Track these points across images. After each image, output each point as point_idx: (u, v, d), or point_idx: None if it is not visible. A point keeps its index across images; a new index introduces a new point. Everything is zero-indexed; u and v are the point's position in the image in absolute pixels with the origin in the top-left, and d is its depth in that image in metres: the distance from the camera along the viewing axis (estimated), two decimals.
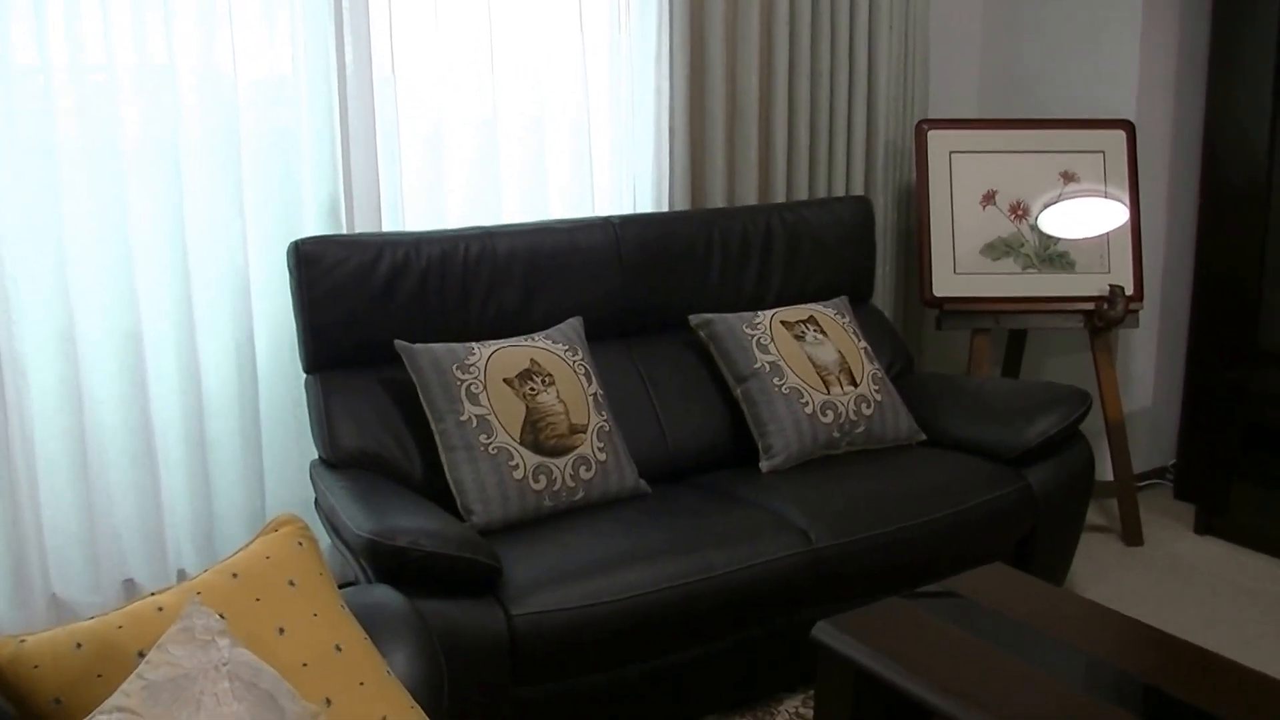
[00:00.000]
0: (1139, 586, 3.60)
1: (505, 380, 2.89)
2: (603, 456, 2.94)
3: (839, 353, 3.36)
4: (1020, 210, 3.99)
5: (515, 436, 2.82)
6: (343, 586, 2.02)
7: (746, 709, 2.87)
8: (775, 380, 3.24)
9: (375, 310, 3.03)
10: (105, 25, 2.91)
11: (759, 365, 3.27)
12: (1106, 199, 3.96)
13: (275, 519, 1.91)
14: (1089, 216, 3.97)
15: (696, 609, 2.62)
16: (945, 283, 3.96)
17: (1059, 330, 4.29)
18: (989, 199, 4.00)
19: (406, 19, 3.32)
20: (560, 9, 3.54)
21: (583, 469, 2.89)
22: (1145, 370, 4.35)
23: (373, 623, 1.91)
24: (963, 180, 3.99)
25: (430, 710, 1.87)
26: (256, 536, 1.87)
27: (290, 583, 1.75)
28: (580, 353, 3.07)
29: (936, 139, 4.00)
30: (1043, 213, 3.98)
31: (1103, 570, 3.72)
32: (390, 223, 3.36)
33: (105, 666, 1.53)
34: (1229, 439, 3.87)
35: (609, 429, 3.00)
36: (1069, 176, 3.99)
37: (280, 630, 1.68)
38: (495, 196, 3.53)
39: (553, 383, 2.94)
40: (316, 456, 3.00)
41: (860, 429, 3.29)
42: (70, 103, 2.91)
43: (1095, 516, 4.16)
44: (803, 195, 4.01)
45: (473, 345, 2.95)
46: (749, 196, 3.89)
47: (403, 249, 3.08)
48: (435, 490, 2.84)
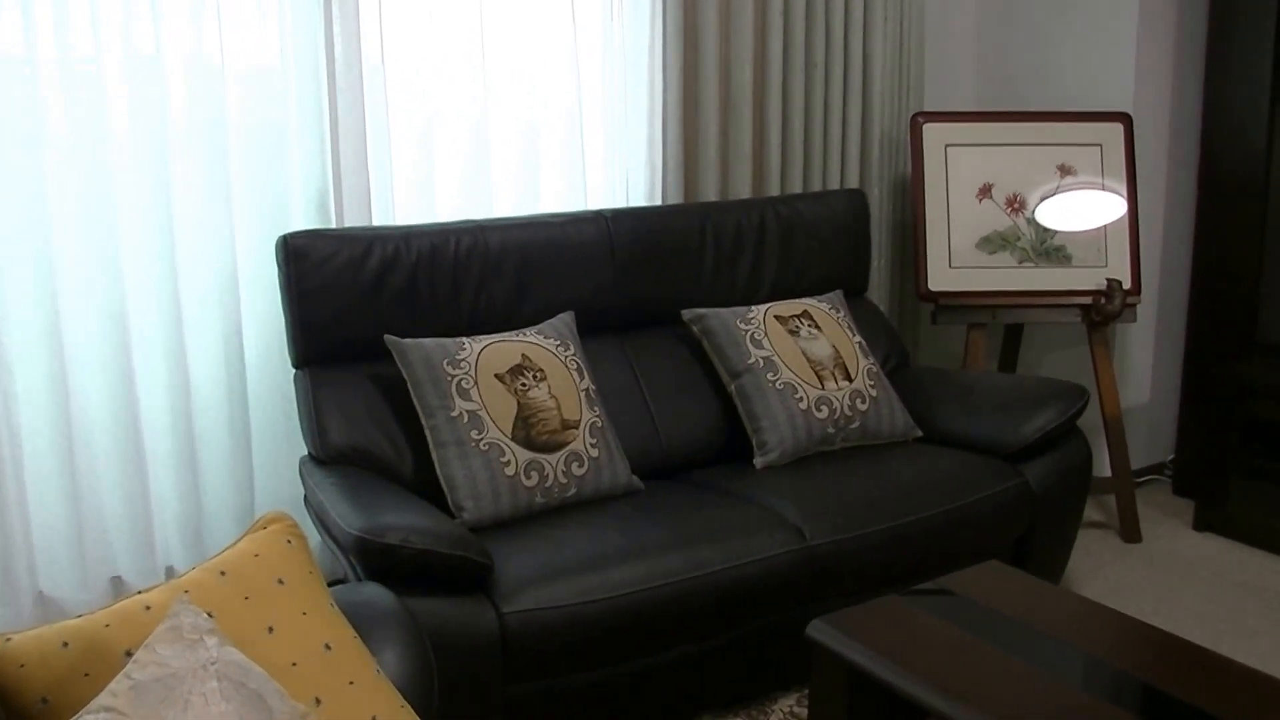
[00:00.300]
0: (1137, 583, 3.61)
1: (496, 375, 2.89)
2: (595, 453, 2.94)
3: (833, 347, 3.37)
4: (1017, 203, 3.99)
5: (507, 432, 2.83)
6: (332, 584, 2.02)
7: (740, 708, 2.88)
8: (769, 375, 3.25)
9: (365, 305, 3.03)
10: (93, 16, 2.90)
11: (753, 360, 3.27)
12: (1104, 192, 3.97)
13: (264, 516, 1.91)
14: (1086, 210, 3.97)
15: (690, 607, 2.62)
16: (941, 277, 3.97)
17: (1056, 325, 4.29)
18: (985, 192, 4.00)
19: (397, 9, 3.31)
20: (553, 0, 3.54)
21: (575, 465, 2.89)
22: (1143, 365, 4.36)
23: (362, 621, 1.92)
24: (958, 173, 4.00)
25: (420, 709, 1.87)
26: (245, 534, 1.87)
27: (279, 581, 1.76)
28: (572, 348, 3.08)
29: (932, 131, 4.01)
30: (1039, 206, 3.99)
31: (1100, 567, 3.73)
32: (380, 216, 3.36)
33: (92, 665, 1.53)
34: (1228, 434, 3.88)
35: (601, 425, 3.01)
36: (1066, 169, 3.99)
37: (269, 629, 1.68)
38: (486, 190, 3.53)
39: (544, 378, 2.94)
40: (305, 453, 3.01)
41: (855, 425, 3.30)
42: (57, 94, 2.91)
43: (1093, 513, 4.17)
44: (797, 188, 4.02)
45: (463, 340, 2.95)
46: (743, 190, 3.90)
47: (393, 243, 3.08)
48: (426, 487, 2.84)
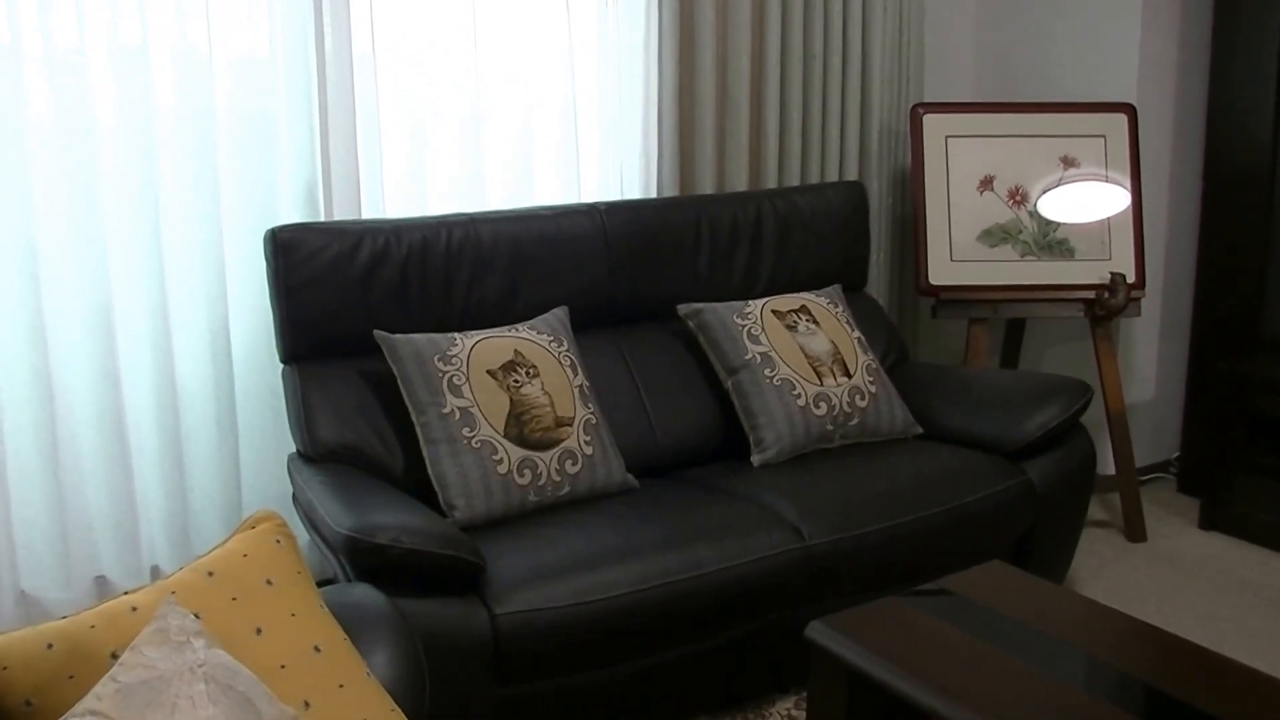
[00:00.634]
0: (1141, 583, 3.62)
1: (488, 372, 2.89)
2: (589, 450, 2.94)
3: (832, 343, 3.37)
4: (1019, 196, 4.00)
5: (499, 430, 2.83)
6: (321, 585, 2.02)
7: (737, 710, 2.88)
8: (767, 371, 3.25)
9: (354, 299, 3.03)
10: (78, 6, 2.90)
11: (750, 356, 3.27)
12: (1107, 184, 3.97)
13: (252, 515, 1.91)
14: (1089, 202, 3.98)
15: (686, 607, 2.62)
16: (941, 270, 3.97)
17: (1058, 319, 4.30)
18: (986, 184, 4.00)
19: None
20: None
21: (569, 463, 2.89)
22: (1147, 360, 4.37)
23: (352, 622, 1.92)
24: (959, 165, 4.00)
25: (411, 712, 1.87)
26: (233, 533, 1.87)
27: (268, 581, 1.76)
28: (566, 343, 3.08)
29: (932, 123, 4.01)
30: (1042, 198, 3.99)
31: (1104, 567, 3.73)
32: (370, 209, 3.36)
33: (77, 668, 1.53)
34: (1234, 431, 3.88)
35: (596, 422, 3.01)
36: (1069, 161, 4.00)
37: (257, 631, 1.68)
38: (479, 183, 3.53)
39: (537, 374, 2.94)
40: (294, 450, 3.01)
41: (854, 422, 3.30)
42: (42, 85, 2.90)
43: (1097, 511, 4.18)
44: (795, 181, 4.02)
45: (455, 336, 2.95)
46: (739, 182, 3.90)
47: (383, 236, 3.07)
48: (416, 485, 2.84)
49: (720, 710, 2.87)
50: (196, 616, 1.58)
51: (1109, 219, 3.97)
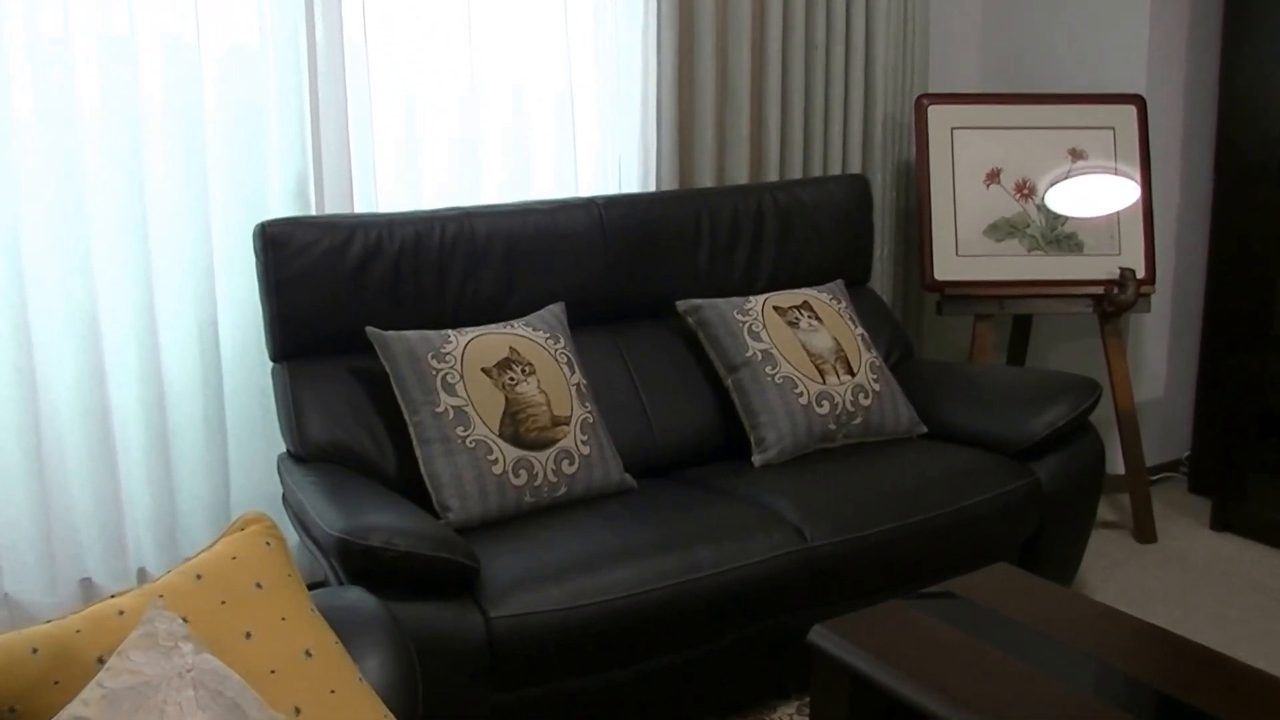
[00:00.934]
0: (1152, 585, 3.62)
1: (483, 370, 2.89)
2: (586, 450, 2.95)
3: (835, 340, 3.37)
4: (1026, 189, 4.00)
5: (494, 429, 2.83)
6: (312, 588, 2.02)
7: (738, 716, 2.88)
8: (768, 369, 3.25)
9: (346, 295, 3.03)
10: None
11: (751, 353, 3.27)
12: (1116, 177, 3.98)
13: (242, 517, 1.91)
14: (1098, 195, 3.98)
15: (685, 611, 2.63)
16: (946, 266, 3.97)
17: (1066, 315, 4.30)
18: (993, 177, 4.01)
19: None
20: None
21: (565, 463, 2.90)
22: (1158, 358, 4.37)
23: (344, 626, 1.92)
24: (965, 158, 4.00)
25: (404, 718, 1.87)
26: (222, 535, 1.87)
27: (257, 585, 1.76)
28: (562, 340, 3.08)
29: (937, 114, 4.01)
30: (1049, 192, 3.99)
31: (1114, 569, 3.74)
32: (362, 203, 3.36)
33: (63, 673, 1.53)
34: (1246, 429, 3.89)
35: (593, 421, 3.01)
36: (1077, 154, 4.00)
37: (247, 635, 1.68)
38: (473, 176, 3.53)
39: (533, 372, 2.94)
40: (284, 450, 3.01)
41: (858, 420, 3.30)
42: (25, 76, 2.90)
43: (1106, 512, 4.19)
44: (796, 174, 4.02)
45: (449, 333, 2.95)
46: (740, 175, 3.90)
47: (375, 231, 3.07)
48: (410, 486, 2.85)
49: (720, 716, 2.87)
50: (185, 620, 1.58)
51: (1118, 213, 3.97)
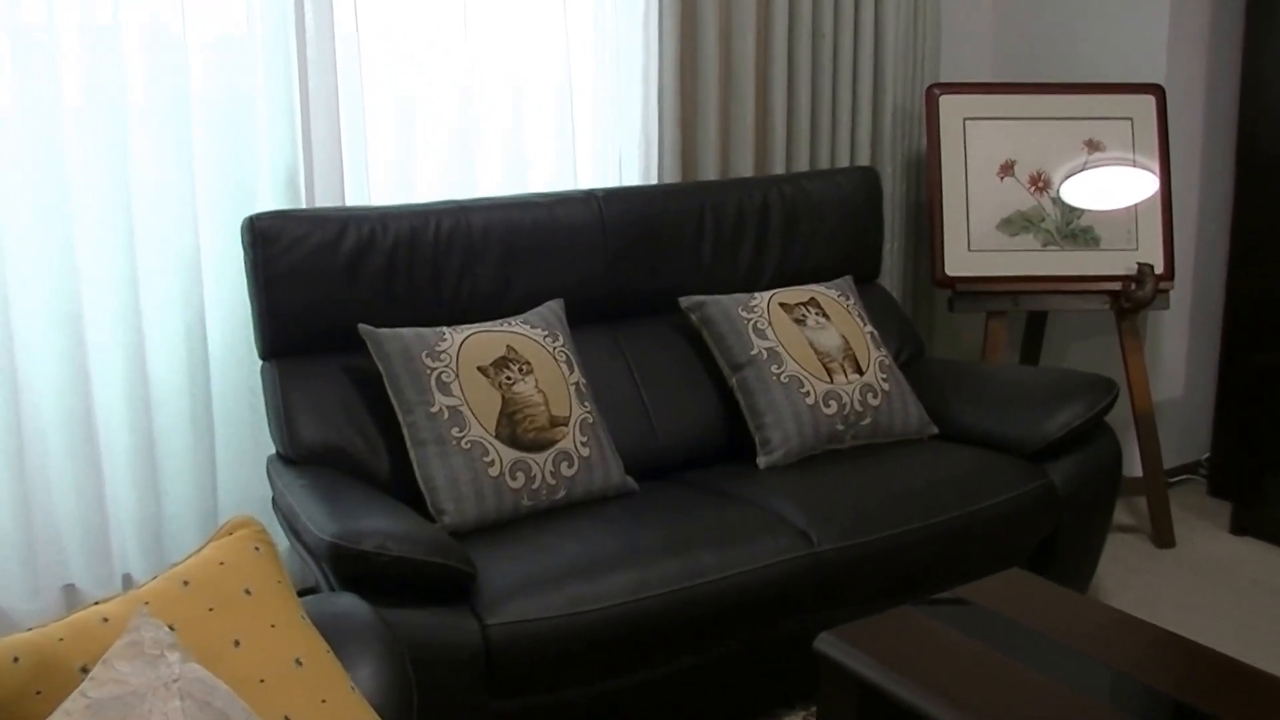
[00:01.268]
0: (1170, 591, 3.62)
1: (479, 368, 2.89)
2: (586, 451, 2.95)
3: (843, 338, 3.37)
4: (1040, 182, 4.00)
5: (490, 430, 2.83)
6: (303, 594, 2.03)
7: None
8: (773, 368, 3.25)
9: (338, 292, 3.03)
10: None
11: (756, 352, 3.27)
12: (1134, 169, 3.97)
13: (230, 521, 1.91)
14: (1115, 188, 3.98)
15: (687, 617, 2.63)
16: (958, 261, 3.97)
17: (1082, 312, 4.30)
18: (1007, 169, 4.00)
19: None
20: None
21: (564, 465, 2.90)
22: (1176, 356, 4.37)
23: (336, 634, 1.92)
24: (978, 149, 4.00)
25: None
26: (210, 540, 1.88)
27: (246, 591, 1.76)
28: (561, 338, 3.08)
29: (949, 104, 4.01)
30: (1065, 184, 3.99)
31: (1131, 574, 3.74)
32: (354, 196, 3.36)
33: (45, 682, 1.53)
34: (1267, 430, 3.89)
35: (593, 421, 3.01)
36: (1094, 145, 4.00)
37: (235, 643, 1.68)
38: (469, 168, 3.53)
39: (531, 371, 2.94)
40: (274, 452, 3.01)
41: (866, 421, 3.30)
42: (5, 66, 2.90)
43: (1123, 516, 4.19)
44: (803, 166, 4.02)
45: (444, 330, 2.95)
46: (744, 168, 3.90)
47: (368, 225, 3.08)
48: (403, 489, 2.85)
49: None
50: (171, 628, 1.59)
51: (1136, 206, 3.97)
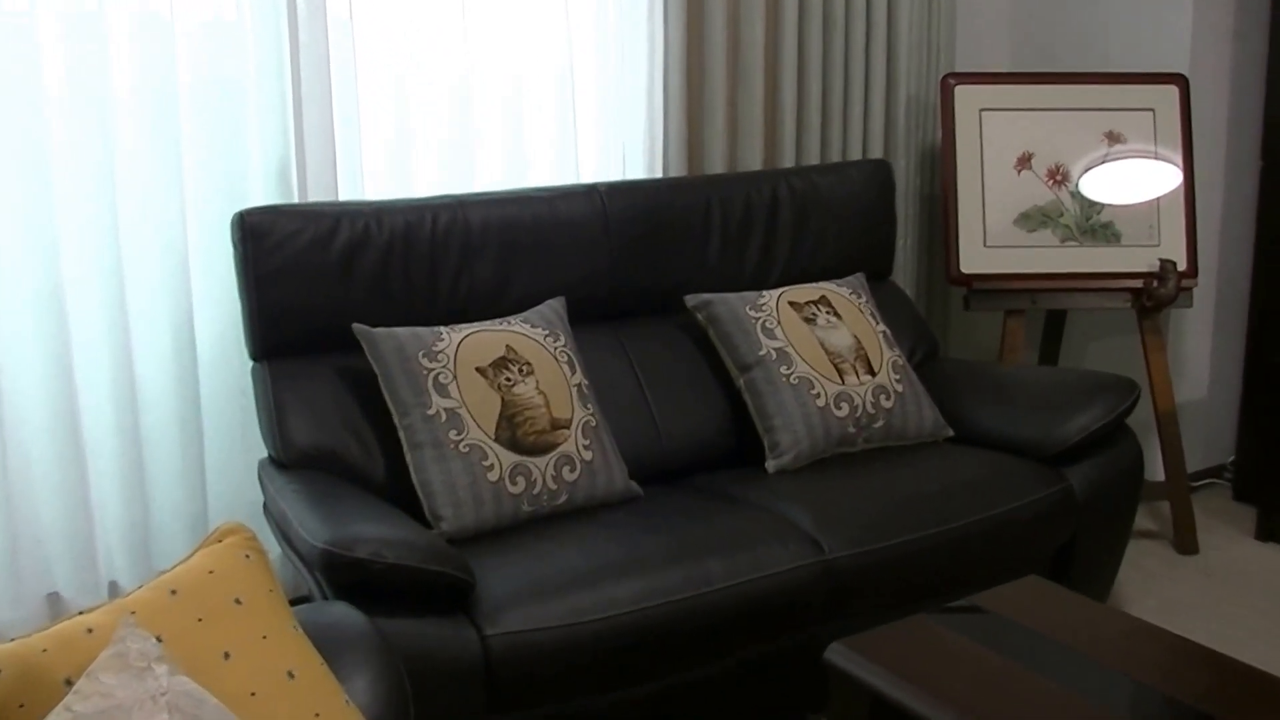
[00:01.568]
0: (1193, 600, 3.62)
1: (478, 369, 2.89)
2: (588, 455, 2.95)
3: (854, 337, 3.37)
4: (1059, 175, 4.00)
5: (489, 433, 2.83)
6: (295, 603, 2.03)
7: None
8: (782, 369, 3.25)
9: (331, 289, 3.03)
10: None
11: (764, 352, 3.27)
12: (1156, 162, 3.97)
13: (220, 528, 1.91)
14: (1137, 182, 3.97)
15: (694, 627, 2.63)
16: (974, 257, 3.97)
17: (1102, 311, 4.30)
18: (1024, 162, 4.00)
19: None
20: None
21: (566, 469, 2.90)
22: (1200, 356, 4.37)
23: (329, 645, 1.92)
24: (994, 141, 4.00)
25: None
26: (198, 548, 1.88)
27: (236, 601, 1.76)
28: (562, 338, 3.08)
29: (965, 95, 4.01)
30: (1084, 178, 3.99)
31: (1152, 582, 3.74)
32: (348, 190, 3.36)
33: (28, 695, 1.53)
34: None
35: (595, 424, 3.01)
36: (1114, 137, 4.00)
37: (225, 655, 1.68)
38: (467, 161, 3.53)
39: (531, 372, 2.94)
40: (265, 455, 3.01)
41: (879, 423, 3.30)
42: None
43: (1144, 521, 4.18)
44: (813, 159, 4.02)
45: (441, 329, 2.95)
46: (753, 161, 3.90)
47: (362, 220, 3.07)
48: (399, 494, 2.85)
49: None
50: (158, 639, 1.59)
51: (1158, 200, 3.97)
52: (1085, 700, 2.09)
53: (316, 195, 3.30)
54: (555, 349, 3.03)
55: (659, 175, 3.78)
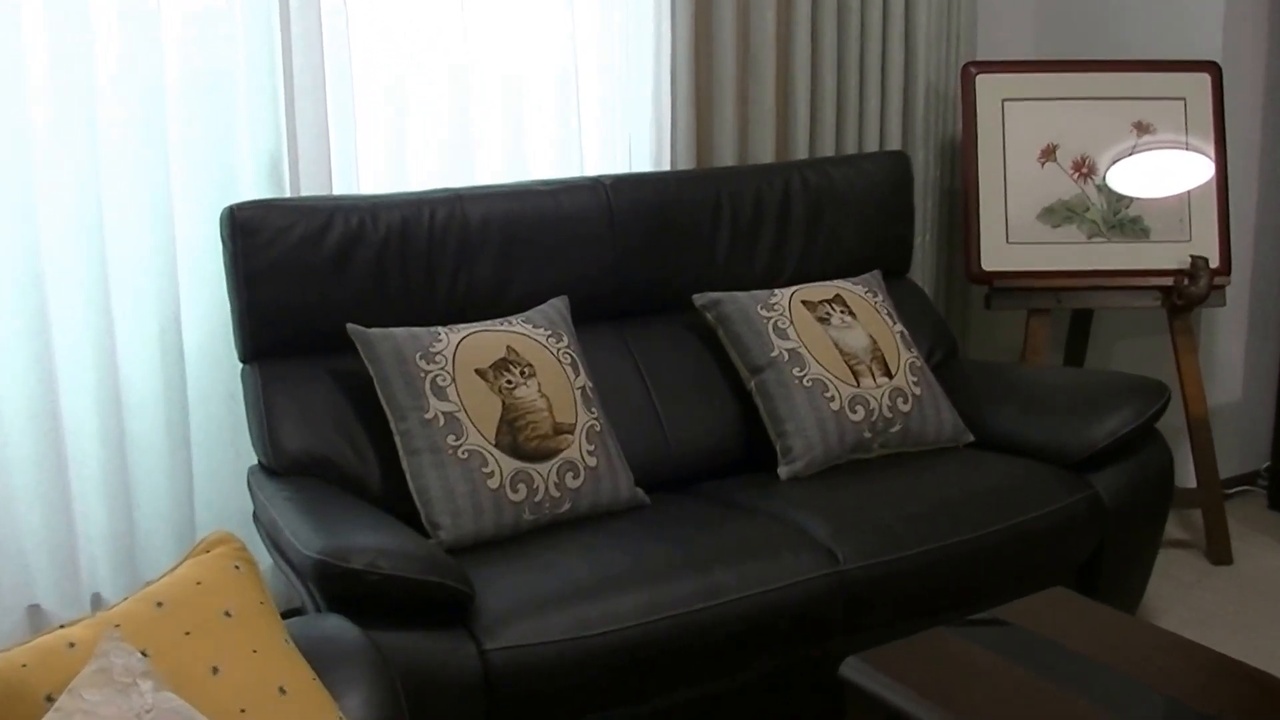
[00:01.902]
0: (1226, 612, 3.61)
1: (477, 371, 2.89)
2: (593, 461, 2.95)
3: (870, 338, 3.37)
4: (1085, 168, 3.99)
5: (489, 438, 2.83)
6: (287, 616, 2.03)
7: None
8: (795, 371, 3.25)
9: (325, 288, 3.03)
10: None
11: (776, 353, 3.27)
12: (1188, 153, 3.97)
13: (208, 537, 1.91)
14: (1167, 175, 3.97)
15: (703, 641, 2.63)
16: (996, 254, 3.96)
17: (1131, 310, 4.29)
18: (1048, 155, 4.00)
19: None
20: None
21: (569, 476, 2.90)
22: (1234, 357, 4.36)
23: (322, 659, 1.92)
24: (1017, 132, 3.99)
25: None
26: (185, 558, 1.88)
27: (226, 613, 1.76)
28: (566, 339, 3.08)
29: (986, 84, 4.00)
30: (1112, 170, 3.98)
31: (1183, 593, 3.73)
32: (342, 184, 3.37)
33: (7, 712, 1.53)
34: None
35: (600, 429, 3.01)
36: (1143, 127, 3.99)
37: (214, 670, 1.68)
38: (466, 154, 3.53)
39: (533, 374, 2.94)
40: (255, 461, 3.01)
41: (896, 428, 3.30)
42: None
43: (1175, 530, 4.18)
44: (828, 151, 4.01)
45: (439, 330, 2.95)
46: (764, 153, 3.90)
47: (357, 215, 3.08)
48: (395, 502, 2.85)
49: None
50: (144, 654, 1.59)
51: (1189, 194, 3.96)
52: (1113, 717, 2.09)
53: (309, 189, 3.30)
54: (558, 350, 3.03)
55: (666, 168, 3.77)
